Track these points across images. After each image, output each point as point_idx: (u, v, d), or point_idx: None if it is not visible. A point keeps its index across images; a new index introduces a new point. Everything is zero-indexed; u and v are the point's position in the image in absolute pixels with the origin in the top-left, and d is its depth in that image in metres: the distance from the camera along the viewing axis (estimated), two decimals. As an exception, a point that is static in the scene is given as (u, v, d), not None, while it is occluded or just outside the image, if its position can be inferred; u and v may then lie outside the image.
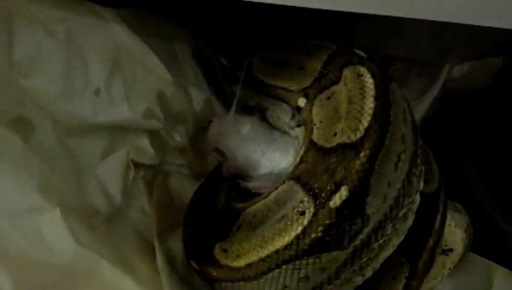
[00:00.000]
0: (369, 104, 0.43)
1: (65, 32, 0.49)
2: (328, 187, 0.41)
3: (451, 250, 0.59)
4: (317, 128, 0.47)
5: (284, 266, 0.43)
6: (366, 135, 0.42)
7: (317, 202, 0.41)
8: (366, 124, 0.42)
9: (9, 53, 0.47)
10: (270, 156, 0.54)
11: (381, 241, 0.44)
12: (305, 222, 0.41)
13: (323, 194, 0.41)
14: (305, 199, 0.42)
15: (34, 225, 0.42)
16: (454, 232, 0.59)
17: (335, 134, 0.44)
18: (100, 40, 0.51)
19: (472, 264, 0.64)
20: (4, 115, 0.46)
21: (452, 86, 0.75)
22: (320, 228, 0.40)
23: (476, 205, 0.65)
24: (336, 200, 0.40)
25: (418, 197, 0.47)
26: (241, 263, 0.44)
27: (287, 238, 0.42)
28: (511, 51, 0.73)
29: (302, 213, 0.41)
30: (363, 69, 0.46)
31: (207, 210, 0.54)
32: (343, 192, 0.40)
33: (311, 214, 0.41)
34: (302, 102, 0.51)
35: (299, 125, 0.53)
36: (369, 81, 0.45)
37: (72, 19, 0.50)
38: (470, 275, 0.64)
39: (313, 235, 0.41)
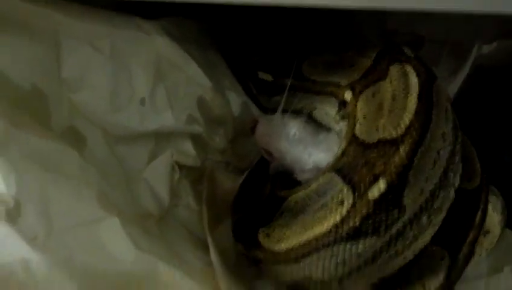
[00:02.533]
0: (412, 102, 0.44)
1: (110, 47, 0.50)
2: (367, 180, 0.42)
3: (488, 232, 0.59)
4: (360, 123, 0.48)
5: (322, 251, 0.44)
6: (407, 132, 0.43)
7: (356, 193, 0.42)
8: (407, 122, 0.43)
9: (59, 70, 0.48)
10: (316, 156, 0.55)
11: (416, 231, 0.45)
12: (344, 212, 0.42)
13: (362, 186, 0.42)
14: (345, 189, 0.43)
15: (95, 234, 0.43)
16: (492, 215, 0.59)
17: (377, 130, 0.45)
18: (143, 52, 0.52)
19: (505, 240, 0.64)
20: (58, 127, 0.47)
21: (481, 64, 0.74)
22: (357, 218, 0.42)
23: (509, 182, 0.64)
24: (374, 193, 0.42)
25: (453, 192, 0.48)
26: (282, 247, 0.46)
27: (326, 226, 0.43)
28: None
29: (341, 203, 0.43)
30: (409, 68, 0.46)
31: (253, 197, 0.56)
32: (382, 185, 0.41)
33: (350, 204, 0.42)
34: (348, 96, 0.52)
35: (343, 119, 0.54)
36: (413, 80, 0.45)
37: (116, 33, 0.50)
38: (503, 250, 0.64)
39: (351, 224, 0.42)
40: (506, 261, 0.64)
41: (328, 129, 0.57)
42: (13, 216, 0.41)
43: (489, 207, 0.59)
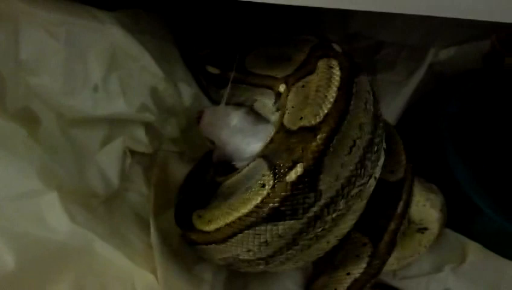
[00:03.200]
0: (332, 93, 0.46)
1: (65, 34, 0.53)
2: (287, 164, 0.44)
3: (426, 229, 0.62)
4: (288, 113, 0.50)
5: (246, 231, 0.47)
6: (324, 120, 0.45)
7: (276, 176, 0.45)
8: (326, 111, 0.46)
9: (17, 53, 0.51)
10: (254, 145, 0.57)
11: (334, 215, 0.48)
12: (265, 193, 0.45)
13: (281, 170, 0.45)
14: (267, 173, 0.46)
15: (34, 207, 0.46)
16: (429, 212, 0.62)
17: (300, 118, 0.47)
18: (98, 41, 0.54)
19: (447, 240, 0.67)
20: (12, 107, 0.50)
21: (439, 69, 0.76)
22: (276, 199, 0.44)
23: (453, 184, 0.67)
24: (292, 176, 0.44)
25: (372, 181, 0.51)
26: (211, 227, 0.49)
27: (248, 207, 0.46)
28: (499, 34, 0.74)
29: (263, 186, 0.45)
30: (334, 62, 0.49)
31: (196, 183, 0.58)
32: (299, 169, 0.44)
33: (270, 186, 0.45)
34: (282, 88, 0.54)
35: (278, 110, 0.57)
36: (336, 73, 0.48)
37: (71, 21, 0.53)
38: (445, 250, 0.67)
39: (271, 205, 0.45)
40: (447, 260, 0.67)
41: (267, 120, 0.60)
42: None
43: (428, 204, 0.62)
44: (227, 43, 0.64)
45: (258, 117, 0.60)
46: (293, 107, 0.50)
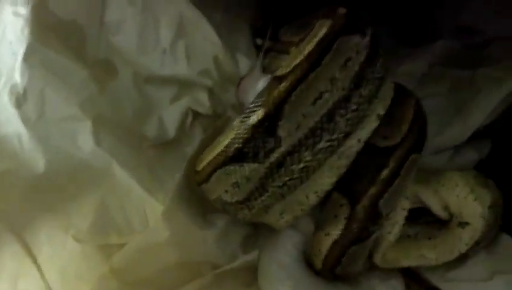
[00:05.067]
0: (309, 47, 0.47)
1: (142, 2, 0.62)
2: (252, 109, 0.47)
3: (467, 223, 0.57)
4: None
5: (219, 170, 0.50)
6: (292, 70, 0.47)
7: (242, 120, 0.48)
8: (297, 62, 0.47)
9: (102, 16, 0.62)
10: None
11: (301, 166, 0.49)
12: (232, 135, 0.48)
13: (247, 115, 0.47)
14: (238, 118, 0.49)
15: (70, 128, 0.56)
16: (472, 206, 0.57)
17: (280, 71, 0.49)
18: (169, 11, 0.62)
19: (502, 244, 0.62)
20: (91, 57, 0.61)
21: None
22: (240, 140, 0.47)
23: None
24: (254, 119, 0.47)
25: (353, 142, 0.50)
26: (199, 167, 0.53)
27: (220, 147, 0.49)
28: None
29: (233, 129, 0.48)
30: (327, 22, 0.49)
31: None
32: (260, 113, 0.46)
33: (237, 128, 0.48)
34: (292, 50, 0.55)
35: None
36: (323, 30, 0.48)
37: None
38: (500, 257, 0.62)
39: (235, 146, 0.48)
40: (500, 269, 0.60)
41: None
42: (20, 102, 0.57)
43: (470, 197, 0.57)
44: (276, 15, 0.67)
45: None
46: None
